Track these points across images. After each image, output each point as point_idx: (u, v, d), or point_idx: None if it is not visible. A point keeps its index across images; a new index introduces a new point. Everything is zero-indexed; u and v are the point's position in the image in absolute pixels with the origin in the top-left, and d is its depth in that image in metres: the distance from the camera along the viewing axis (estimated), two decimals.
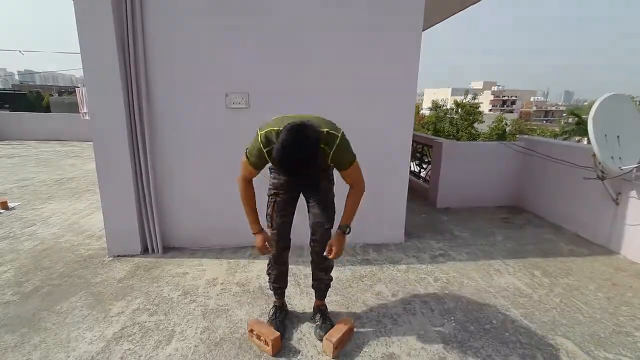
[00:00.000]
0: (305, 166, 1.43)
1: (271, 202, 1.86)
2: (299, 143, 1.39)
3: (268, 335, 1.77)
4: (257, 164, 1.67)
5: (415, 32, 2.79)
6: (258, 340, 1.82)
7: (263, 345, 1.79)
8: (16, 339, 1.87)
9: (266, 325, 1.88)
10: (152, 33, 2.59)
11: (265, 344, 1.78)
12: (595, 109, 2.78)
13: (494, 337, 1.94)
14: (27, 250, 2.95)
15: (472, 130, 22.90)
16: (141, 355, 1.77)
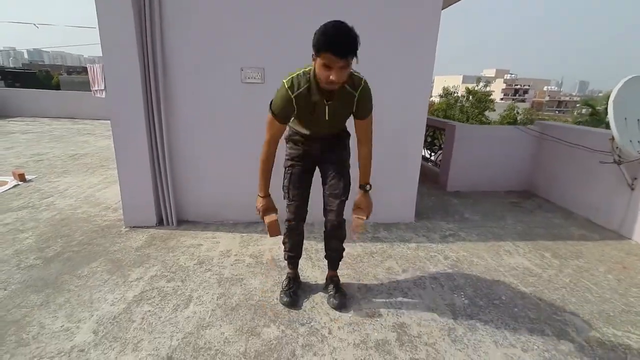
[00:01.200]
0: (351, 43, 1.39)
1: (287, 174, 1.89)
2: (341, 22, 1.42)
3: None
4: (284, 115, 1.65)
5: (434, 9, 2.73)
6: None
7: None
8: (42, 299, 1.96)
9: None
10: (169, 7, 2.57)
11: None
12: (617, 91, 2.73)
13: (503, 312, 1.98)
14: (46, 219, 3.04)
15: (482, 118, 22.53)
16: (161, 316, 1.84)
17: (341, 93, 1.60)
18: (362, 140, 1.78)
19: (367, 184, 1.82)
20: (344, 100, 1.63)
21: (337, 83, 1.47)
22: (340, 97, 1.62)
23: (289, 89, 1.59)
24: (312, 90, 1.58)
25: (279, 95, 1.63)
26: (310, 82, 1.58)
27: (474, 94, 24.03)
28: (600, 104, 22.42)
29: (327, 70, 1.44)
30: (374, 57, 2.80)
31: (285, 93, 1.60)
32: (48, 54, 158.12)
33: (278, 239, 1.97)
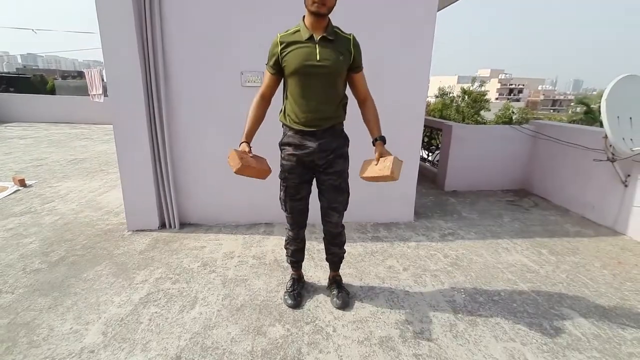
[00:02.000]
0: None
1: (282, 186, 1.84)
2: None
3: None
4: (274, 61, 1.64)
5: (430, 10, 2.79)
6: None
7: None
8: (49, 302, 1.98)
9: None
10: (169, 11, 2.61)
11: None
12: (610, 89, 2.79)
13: (502, 308, 2.03)
14: (48, 224, 3.06)
15: (478, 118, 22.68)
16: (168, 317, 1.88)
17: (333, 32, 1.61)
18: (362, 99, 1.76)
19: (381, 136, 1.72)
20: (337, 41, 1.61)
21: (323, 3, 1.49)
22: (332, 36, 1.60)
23: (278, 34, 1.63)
24: (301, 30, 1.60)
25: (271, 44, 1.65)
26: (300, 24, 1.62)
27: (469, 94, 24.19)
28: (595, 102, 22.66)
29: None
30: (372, 58, 2.84)
31: (274, 38, 1.64)
32: (42, 58, 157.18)
33: (280, 240, 1.96)
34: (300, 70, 1.60)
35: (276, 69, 1.66)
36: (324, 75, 1.61)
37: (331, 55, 1.59)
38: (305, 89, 1.64)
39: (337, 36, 1.63)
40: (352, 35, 1.67)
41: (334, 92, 1.68)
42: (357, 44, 1.68)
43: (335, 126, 1.75)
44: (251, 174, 1.67)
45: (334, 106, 1.71)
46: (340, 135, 1.81)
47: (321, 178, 1.81)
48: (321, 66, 1.58)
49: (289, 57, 1.60)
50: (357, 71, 1.71)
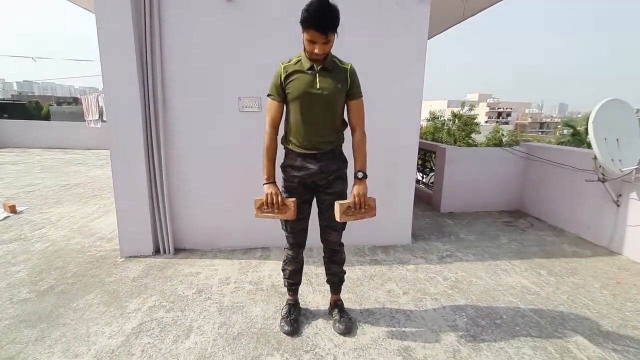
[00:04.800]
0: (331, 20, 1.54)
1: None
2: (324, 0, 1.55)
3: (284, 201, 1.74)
4: (277, 91, 1.73)
5: (421, 38, 2.92)
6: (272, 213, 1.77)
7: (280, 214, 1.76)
8: (37, 334, 1.89)
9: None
10: (169, 39, 2.69)
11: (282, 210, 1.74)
12: (595, 113, 2.90)
13: (505, 331, 1.99)
14: (38, 251, 2.98)
15: (469, 140, 23.18)
16: (161, 348, 1.80)
17: (332, 63, 1.70)
18: (355, 126, 1.79)
19: (360, 171, 1.76)
20: (335, 71, 1.71)
21: (320, 55, 1.62)
22: (331, 67, 1.70)
23: (281, 63, 1.74)
24: (303, 60, 1.70)
25: (274, 75, 1.75)
26: (301, 55, 1.72)
27: (459, 117, 24.84)
28: (580, 124, 23.39)
29: (312, 45, 1.60)
30: (368, 85, 2.93)
31: (277, 68, 1.74)
32: (38, 85, 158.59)
33: (277, 265, 1.95)
34: (301, 97, 1.69)
35: (282, 96, 1.75)
36: (323, 101, 1.70)
37: (330, 84, 1.69)
38: (306, 115, 1.72)
39: (336, 66, 1.72)
40: (349, 65, 1.76)
41: (333, 117, 1.76)
42: (354, 73, 1.76)
43: (335, 149, 1.83)
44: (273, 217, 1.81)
45: (334, 130, 1.79)
46: (340, 157, 1.86)
47: (321, 197, 1.86)
48: (320, 94, 1.68)
49: (292, 85, 1.71)
50: (352, 98, 1.78)
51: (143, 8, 2.57)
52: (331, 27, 1.56)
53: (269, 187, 1.76)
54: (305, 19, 1.55)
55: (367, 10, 2.82)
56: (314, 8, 1.53)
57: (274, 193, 1.74)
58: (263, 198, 1.75)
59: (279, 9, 2.75)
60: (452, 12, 4.39)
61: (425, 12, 2.86)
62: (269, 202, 1.74)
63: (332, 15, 1.55)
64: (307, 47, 1.63)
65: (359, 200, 1.73)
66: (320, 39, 1.56)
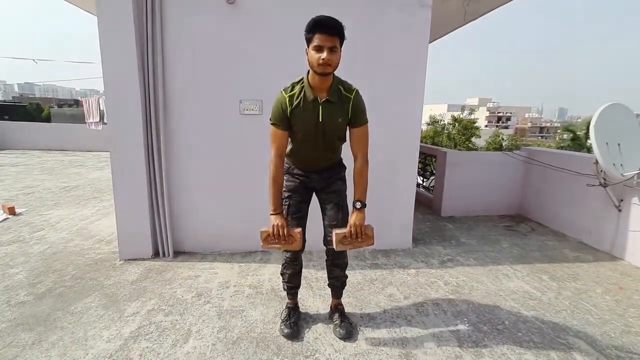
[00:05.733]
0: (336, 24, 1.54)
1: (285, 205, 1.87)
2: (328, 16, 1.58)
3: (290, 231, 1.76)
4: (281, 119, 1.69)
5: (423, 42, 2.92)
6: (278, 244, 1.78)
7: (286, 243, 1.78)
8: (33, 337, 1.87)
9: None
10: (170, 42, 2.69)
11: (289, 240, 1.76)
12: (597, 117, 2.89)
13: (507, 337, 1.97)
14: (37, 253, 2.96)
15: (469, 144, 23.20)
16: (159, 353, 1.78)
17: (335, 93, 1.67)
18: (357, 152, 1.77)
19: (358, 201, 1.75)
20: (338, 100, 1.67)
21: (329, 65, 1.56)
22: (335, 97, 1.67)
23: (283, 91, 1.70)
24: (306, 89, 1.66)
25: (275, 102, 1.71)
26: (304, 82, 1.68)
27: (459, 121, 24.88)
28: (580, 129, 23.41)
29: (319, 52, 1.55)
30: (368, 88, 2.93)
31: (280, 96, 1.70)
32: (40, 87, 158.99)
33: (276, 269, 1.94)
34: (305, 128, 1.72)
35: (287, 125, 1.72)
36: (324, 132, 1.73)
37: (332, 116, 1.69)
38: (308, 142, 1.77)
39: (340, 96, 1.68)
40: (354, 92, 1.71)
41: (335, 143, 1.83)
42: (357, 102, 1.71)
43: (335, 161, 1.93)
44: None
45: (334, 150, 1.87)
46: (339, 164, 1.96)
47: (322, 197, 1.92)
48: (322, 126, 1.70)
49: (296, 116, 1.69)
50: (354, 126, 1.75)
51: (145, 10, 2.57)
52: (337, 29, 1.55)
53: (276, 218, 1.76)
54: (310, 24, 1.56)
55: (368, 14, 2.83)
56: (319, 16, 1.56)
57: (281, 225, 1.74)
58: (269, 229, 1.76)
59: (280, 11, 2.75)
60: (453, 16, 4.40)
61: (426, 17, 2.87)
62: (276, 234, 1.75)
63: (338, 21, 1.56)
64: (313, 58, 1.56)
65: (355, 230, 1.73)
66: (327, 42, 1.53)
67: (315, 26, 1.54)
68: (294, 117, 1.69)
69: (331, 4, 2.77)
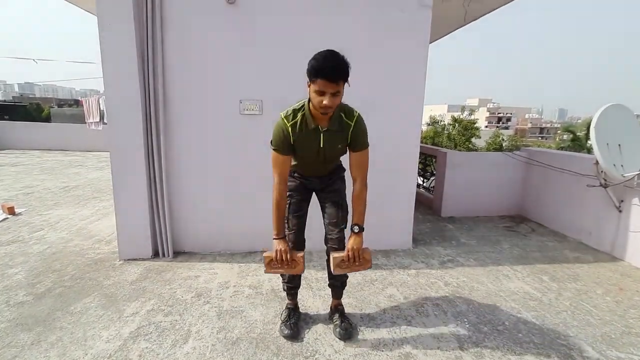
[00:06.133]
0: (341, 71, 1.49)
1: (287, 204, 1.88)
2: (332, 51, 1.53)
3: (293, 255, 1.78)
4: (284, 146, 1.69)
5: (423, 43, 2.92)
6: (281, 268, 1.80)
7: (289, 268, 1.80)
8: (32, 337, 1.87)
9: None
10: (170, 42, 2.68)
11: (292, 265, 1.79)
12: (597, 118, 2.89)
13: (507, 338, 1.96)
14: (36, 253, 2.96)
15: (469, 145, 23.20)
16: (159, 353, 1.77)
17: (336, 121, 1.67)
18: (356, 176, 1.77)
19: (356, 225, 1.76)
20: (339, 128, 1.68)
21: (330, 108, 1.55)
22: (335, 125, 1.67)
23: (285, 119, 1.68)
24: (307, 118, 1.65)
25: (276, 127, 1.70)
26: (305, 111, 1.66)
27: (459, 122, 24.89)
28: (580, 130, 23.43)
29: (321, 96, 1.52)
30: (369, 89, 2.93)
31: (282, 123, 1.68)
32: (40, 87, 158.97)
33: None
34: (306, 152, 1.76)
35: (290, 152, 1.73)
36: (325, 155, 1.76)
37: (333, 143, 1.72)
38: (309, 161, 1.83)
39: (340, 123, 1.68)
40: (355, 118, 1.70)
41: (335, 160, 1.90)
42: (357, 129, 1.70)
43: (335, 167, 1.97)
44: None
45: (335, 163, 1.93)
46: (339, 166, 1.99)
47: (322, 196, 1.95)
48: (323, 151, 1.73)
49: (297, 143, 1.70)
50: (354, 150, 1.75)
51: (145, 10, 2.57)
52: (342, 75, 1.50)
53: (279, 243, 1.76)
54: (314, 68, 1.49)
55: (368, 14, 2.82)
56: (322, 56, 1.50)
57: (284, 250, 1.75)
58: (272, 254, 1.77)
59: (280, 11, 2.75)
60: (453, 16, 4.40)
61: (426, 17, 2.87)
62: (279, 259, 1.75)
63: (343, 62, 1.50)
64: (314, 99, 1.54)
65: (353, 254, 1.74)
66: (330, 89, 1.49)
67: (319, 73, 1.48)
68: (296, 143, 1.70)
69: (331, 4, 2.78)
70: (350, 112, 1.71)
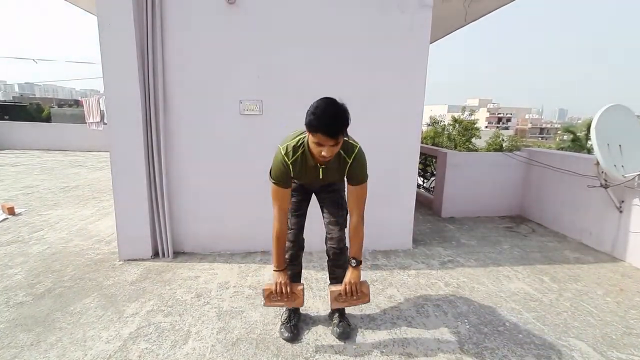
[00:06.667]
0: (341, 126, 1.48)
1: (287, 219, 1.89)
2: (330, 100, 1.51)
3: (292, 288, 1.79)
4: (284, 179, 1.69)
5: (423, 43, 2.92)
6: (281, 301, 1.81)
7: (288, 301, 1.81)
8: (32, 338, 1.86)
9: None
10: (170, 42, 2.68)
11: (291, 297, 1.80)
12: (598, 118, 2.88)
13: (508, 339, 1.96)
14: (36, 253, 2.95)
15: (469, 145, 23.19)
16: (159, 354, 1.77)
17: (335, 158, 1.65)
18: (352, 209, 1.76)
19: (353, 258, 1.76)
20: (338, 163, 1.68)
21: (329, 158, 1.55)
22: (335, 162, 1.67)
23: (285, 156, 1.66)
24: (306, 156, 1.64)
25: (276, 163, 1.69)
26: (305, 148, 1.64)
27: (460, 122, 24.88)
28: (580, 130, 23.41)
29: (319, 147, 1.51)
30: (369, 90, 2.93)
31: (282, 159, 1.66)
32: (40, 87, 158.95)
33: None
34: (306, 182, 1.83)
35: (290, 184, 1.74)
36: (326, 182, 1.80)
37: (332, 175, 1.74)
38: (309, 184, 1.89)
39: (339, 160, 1.67)
40: (354, 153, 1.67)
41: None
42: (356, 165, 1.68)
43: None
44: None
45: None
46: None
47: (322, 196, 1.96)
48: (323, 181, 1.76)
49: (297, 174, 1.71)
50: (351, 184, 1.74)
51: (145, 10, 2.56)
52: (342, 130, 1.49)
53: (279, 275, 1.77)
54: (312, 123, 1.47)
55: (368, 14, 2.82)
56: (321, 110, 1.47)
57: (284, 283, 1.76)
58: (272, 287, 1.77)
59: (280, 11, 2.75)
60: (453, 16, 4.40)
61: (427, 17, 2.86)
62: (279, 292, 1.76)
63: (343, 116, 1.48)
64: (313, 149, 1.54)
65: (350, 288, 1.75)
66: (329, 142, 1.49)
67: (317, 127, 1.47)
68: (295, 175, 1.71)
69: (332, 4, 2.78)
70: (351, 149, 1.67)
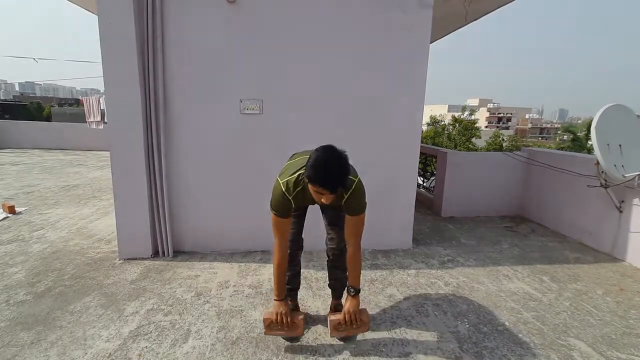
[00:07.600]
0: (339, 177, 1.47)
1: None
2: (331, 151, 1.48)
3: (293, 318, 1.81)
4: (285, 210, 1.70)
5: (424, 43, 2.92)
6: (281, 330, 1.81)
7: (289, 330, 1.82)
8: (32, 337, 1.87)
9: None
10: (170, 41, 2.68)
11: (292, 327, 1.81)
12: (598, 118, 2.88)
13: (507, 338, 1.96)
14: (36, 252, 2.96)
15: (469, 145, 23.16)
16: (159, 352, 1.77)
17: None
18: (349, 239, 1.77)
19: (352, 287, 1.79)
20: (336, 198, 1.65)
21: (327, 203, 1.57)
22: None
23: (285, 192, 1.67)
24: (306, 190, 1.64)
25: (277, 197, 1.69)
26: (305, 184, 1.64)
27: (460, 122, 24.85)
28: (580, 130, 23.41)
29: (318, 195, 1.54)
30: (369, 89, 2.93)
31: (282, 192, 1.68)
32: (40, 86, 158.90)
33: None
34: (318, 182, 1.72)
35: (289, 214, 1.75)
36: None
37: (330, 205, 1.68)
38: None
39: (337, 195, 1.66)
40: (350, 190, 1.65)
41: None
42: (352, 198, 1.67)
43: None
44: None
45: None
46: None
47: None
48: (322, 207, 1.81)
49: (297, 204, 1.72)
50: (349, 214, 1.73)
51: (145, 9, 2.57)
52: (341, 186, 1.50)
53: (279, 305, 1.78)
54: (311, 178, 1.48)
55: (369, 14, 2.82)
56: (321, 164, 1.46)
57: (284, 312, 1.77)
58: (272, 316, 1.77)
59: (280, 10, 2.75)
60: (454, 16, 4.39)
61: (427, 17, 2.86)
62: (279, 321, 1.77)
63: (342, 171, 1.48)
64: (313, 194, 1.56)
65: (349, 317, 1.77)
66: (327, 194, 1.51)
67: (317, 181, 1.48)
68: (296, 206, 1.74)
69: (332, 4, 2.78)
70: (349, 183, 1.64)
